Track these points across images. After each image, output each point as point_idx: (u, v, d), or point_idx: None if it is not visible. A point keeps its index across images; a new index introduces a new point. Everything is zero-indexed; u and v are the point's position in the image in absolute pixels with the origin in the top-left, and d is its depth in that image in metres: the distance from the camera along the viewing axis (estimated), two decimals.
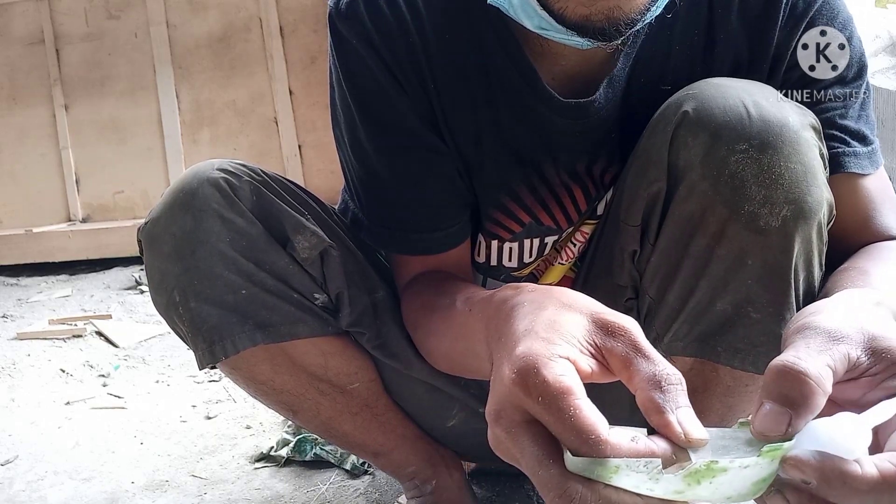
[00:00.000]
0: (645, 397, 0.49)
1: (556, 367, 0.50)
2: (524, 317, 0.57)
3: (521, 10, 0.78)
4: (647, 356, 0.51)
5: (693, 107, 0.75)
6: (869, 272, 0.73)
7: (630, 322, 0.54)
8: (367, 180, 0.92)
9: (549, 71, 0.86)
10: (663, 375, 0.50)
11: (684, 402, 0.49)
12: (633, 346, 0.52)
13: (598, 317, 0.54)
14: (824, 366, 0.50)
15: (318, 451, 1.38)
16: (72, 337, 2.26)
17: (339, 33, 0.86)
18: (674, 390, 0.49)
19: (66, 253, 3.19)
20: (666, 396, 0.49)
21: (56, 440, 1.61)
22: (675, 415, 0.48)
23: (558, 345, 0.52)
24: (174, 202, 0.88)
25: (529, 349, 0.51)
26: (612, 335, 0.53)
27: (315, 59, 3.31)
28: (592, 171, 0.91)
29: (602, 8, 0.70)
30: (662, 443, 0.48)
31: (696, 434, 0.48)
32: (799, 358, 0.50)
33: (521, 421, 0.50)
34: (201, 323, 0.88)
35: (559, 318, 0.55)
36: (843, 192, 0.81)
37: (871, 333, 0.52)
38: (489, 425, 0.52)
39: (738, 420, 0.52)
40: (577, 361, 0.51)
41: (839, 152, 0.82)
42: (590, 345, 0.53)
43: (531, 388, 0.49)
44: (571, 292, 0.59)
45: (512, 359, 0.52)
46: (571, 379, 0.49)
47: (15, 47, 3.43)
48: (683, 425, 0.48)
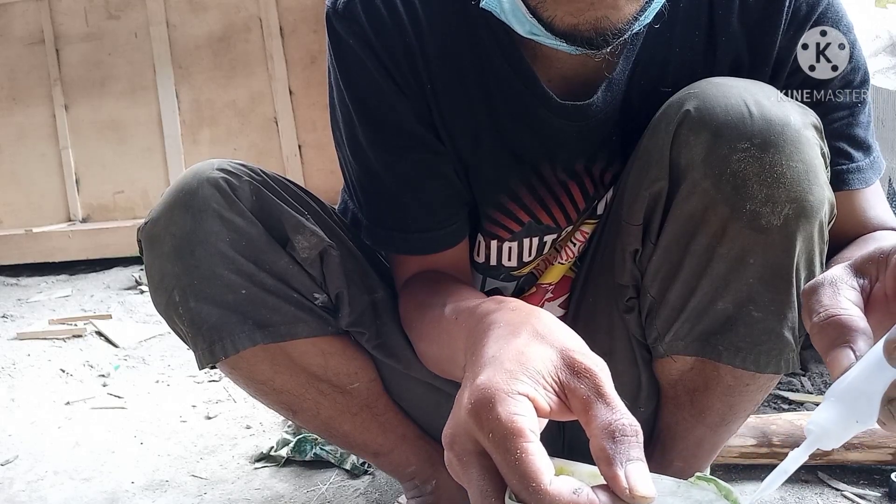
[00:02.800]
0: (597, 446, 0.49)
1: (511, 406, 0.49)
2: (496, 340, 0.57)
3: (512, 16, 0.78)
4: (607, 402, 0.50)
5: (695, 106, 0.75)
6: (868, 240, 0.75)
7: (598, 365, 0.53)
8: (365, 180, 0.92)
9: (545, 73, 0.86)
10: (618, 426, 0.49)
11: (636, 455, 0.48)
12: (595, 390, 0.51)
13: (567, 354, 0.54)
14: (854, 294, 0.49)
15: (318, 451, 1.37)
16: (72, 337, 2.26)
17: (337, 33, 0.86)
18: (627, 442, 0.48)
19: (66, 253, 3.19)
20: (617, 448, 0.48)
21: (56, 440, 1.61)
22: (624, 468, 0.47)
23: (520, 381, 0.51)
24: (174, 202, 0.88)
25: (490, 380, 0.51)
26: (578, 375, 0.52)
27: (315, 59, 3.31)
28: (592, 170, 0.91)
29: (590, 18, 0.70)
30: (606, 498, 0.47)
31: (642, 490, 0.47)
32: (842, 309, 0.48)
33: (472, 451, 0.51)
34: (201, 323, 0.87)
35: (528, 349, 0.54)
36: (843, 204, 0.81)
37: None
38: (445, 447, 0.53)
39: (695, 473, 0.52)
40: (535, 399, 0.51)
41: (844, 169, 0.83)
42: (554, 381, 0.52)
43: (484, 422, 0.49)
44: (550, 319, 0.59)
45: (473, 387, 0.52)
46: (525, 420, 0.49)
47: (15, 47, 3.44)
48: (630, 480, 0.47)
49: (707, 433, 0.92)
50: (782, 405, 1.44)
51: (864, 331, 0.48)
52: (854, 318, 0.48)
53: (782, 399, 1.45)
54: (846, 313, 0.48)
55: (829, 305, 0.49)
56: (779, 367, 0.78)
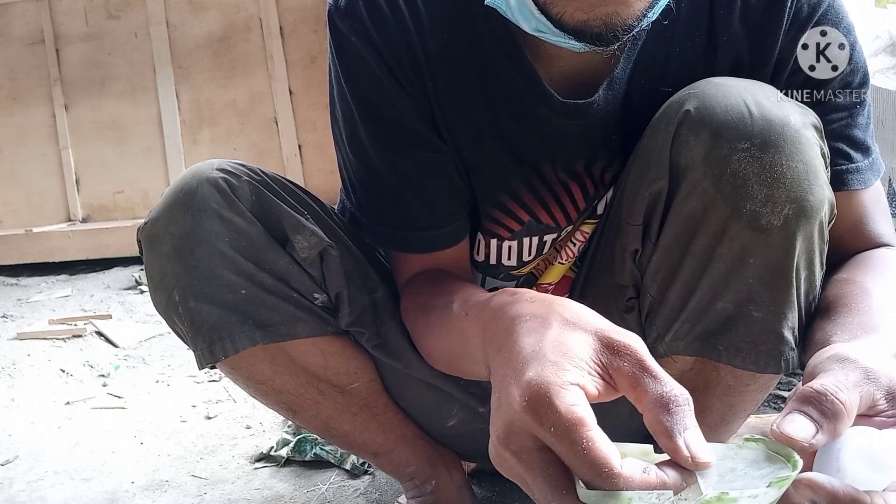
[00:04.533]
0: (653, 419, 0.50)
1: (567, 397, 0.50)
2: (528, 333, 0.57)
3: (519, 13, 0.78)
4: (654, 376, 0.52)
5: (695, 106, 0.75)
6: (870, 291, 0.75)
7: (635, 339, 0.54)
8: (366, 178, 0.92)
9: (547, 71, 0.86)
10: (671, 397, 0.51)
11: (692, 423, 0.50)
12: (639, 365, 0.52)
13: (603, 335, 0.55)
14: (857, 398, 0.53)
15: (318, 451, 1.37)
16: (72, 337, 2.26)
17: (339, 31, 0.86)
18: (681, 412, 0.50)
19: (66, 253, 3.19)
20: (673, 419, 0.50)
21: (56, 440, 1.61)
22: (683, 437, 0.49)
23: (568, 370, 0.52)
24: (174, 202, 0.88)
25: (540, 375, 0.52)
26: (619, 354, 0.53)
27: (315, 59, 3.31)
28: (592, 170, 0.91)
29: (600, 14, 0.70)
30: (672, 472, 0.49)
31: (703, 457, 0.49)
32: (839, 389, 0.53)
33: (532, 447, 0.51)
34: (201, 322, 0.87)
35: (566, 338, 0.55)
36: (841, 205, 0.81)
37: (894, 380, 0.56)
38: (496, 445, 0.53)
39: (742, 437, 0.53)
40: (585, 386, 0.52)
41: (842, 169, 0.84)
42: (597, 365, 0.54)
43: (543, 418, 0.50)
44: (572, 305, 0.60)
45: (521, 384, 0.52)
46: (583, 409, 0.50)
47: (15, 47, 3.43)
48: (691, 448, 0.49)
49: (707, 433, 0.90)
50: (782, 405, 1.44)
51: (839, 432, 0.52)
52: (846, 417, 0.52)
53: (782, 399, 1.45)
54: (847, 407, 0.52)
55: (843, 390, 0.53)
56: (779, 367, 0.78)
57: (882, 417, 0.55)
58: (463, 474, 1.13)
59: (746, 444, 0.53)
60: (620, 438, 0.52)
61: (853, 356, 0.56)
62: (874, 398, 0.54)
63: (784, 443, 0.51)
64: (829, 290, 0.79)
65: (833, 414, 0.51)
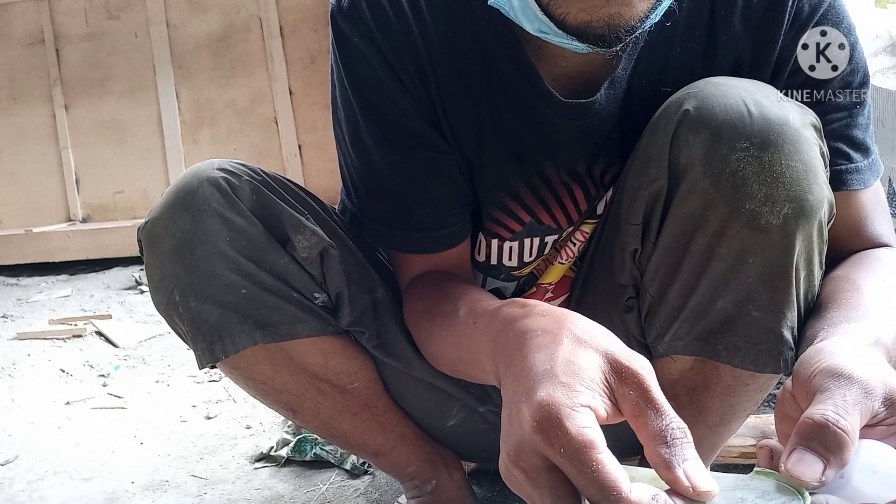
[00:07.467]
0: (652, 451, 0.51)
1: (578, 419, 0.51)
2: (539, 349, 0.58)
3: (522, 14, 0.78)
4: (656, 409, 0.52)
5: (694, 105, 0.75)
6: (861, 288, 0.76)
7: (643, 367, 0.55)
8: (368, 178, 0.92)
9: (549, 72, 0.86)
10: (669, 430, 0.51)
11: (691, 454, 0.51)
12: (644, 395, 0.53)
13: (612, 357, 0.55)
14: (858, 419, 0.53)
15: (318, 451, 1.37)
16: (72, 337, 2.26)
17: (341, 31, 0.86)
18: (679, 444, 0.51)
19: (66, 253, 3.19)
20: (672, 452, 0.50)
21: (56, 440, 1.61)
22: (682, 468, 0.50)
23: (579, 392, 0.53)
24: (174, 202, 0.88)
25: (551, 396, 0.52)
26: (625, 381, 0.54)
27: (315, 59, 3.31)
28: (593, 171, 0.91)
29: (603, 15, 0.71)
30: (681, 501, 0.49)
31: (704, 486, 0.49)
32: (839, 416, 0.53)
33: (541, 467, 0.52)
34: (201, 322, 0.87)
35: (576, 358, 0.55)
36: (841, 205, 0.81)
37: (892, 387, 0.56)
38: (506, 462, 0.54)
39: (754, 469, 0.54)
40: (596, 409, 0.53)
41: (842, 169, 0.84)
42: (605, 387, 0.54)
43: (553, 439, 0.50)
44: (582, 321, 0.60)
45: (533, 404, 0.53)
46: (594, 432, 0.50)
47: (15, 47, 3.44)
48: (691, 478, 0.49)
49: (707, 433, 0.92)
50: None
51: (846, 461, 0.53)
52: (851, 446, 0.53)
53: None
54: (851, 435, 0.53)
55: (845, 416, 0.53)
56: (778, 367, 0.78)
57: (883, 426, 0.56)
58: (463, 474, 1.14)
59: (757, 475, 0.54)
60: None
61: (845, 369, 0.57)
62: (874, 410, 0.55)
63: (794, 485, 0.52)
64: (824, 287, 0.79)
65: (838, 445, 0.52)
